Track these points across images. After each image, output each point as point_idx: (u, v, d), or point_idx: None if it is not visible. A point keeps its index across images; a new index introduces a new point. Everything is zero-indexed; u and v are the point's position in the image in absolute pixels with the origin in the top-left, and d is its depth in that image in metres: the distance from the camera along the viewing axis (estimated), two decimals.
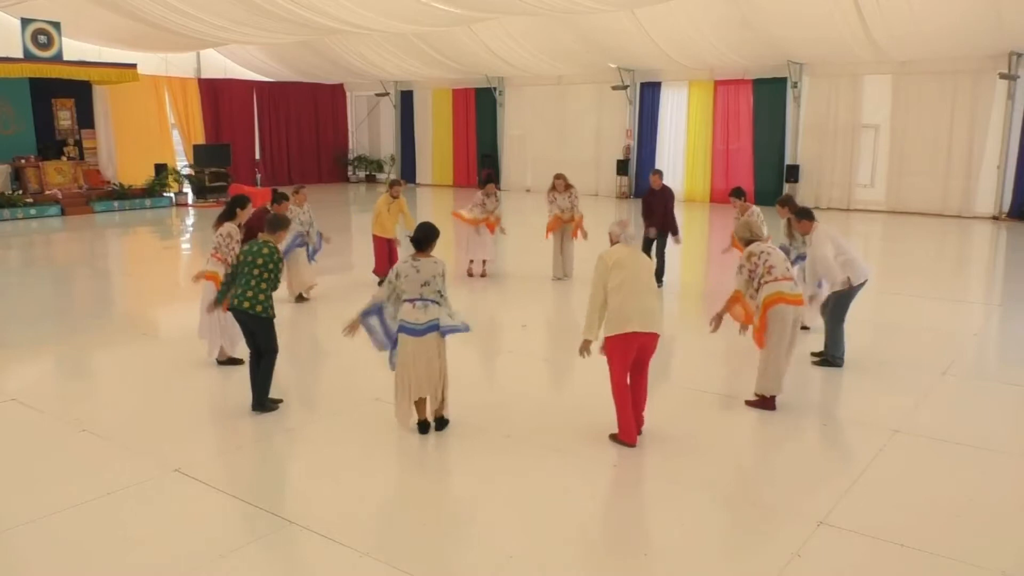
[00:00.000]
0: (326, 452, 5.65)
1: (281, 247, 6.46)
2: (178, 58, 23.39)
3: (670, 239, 10.74)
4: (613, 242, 5.76)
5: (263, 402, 6.25)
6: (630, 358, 5.55)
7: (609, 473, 5.35)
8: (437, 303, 5.67)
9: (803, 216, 7.47)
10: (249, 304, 6.05)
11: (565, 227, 11.25)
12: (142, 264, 14.50)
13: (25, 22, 18.12)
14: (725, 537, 4.62)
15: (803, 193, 19.25)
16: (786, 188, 20.12)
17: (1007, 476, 5.33)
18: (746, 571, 4.22)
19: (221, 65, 25.21)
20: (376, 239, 10.89)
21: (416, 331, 5.63)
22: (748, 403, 6.39)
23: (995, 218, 17.70)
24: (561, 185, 11.22)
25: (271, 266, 6.08)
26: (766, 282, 6.13)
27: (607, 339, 5.55)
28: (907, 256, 14.15)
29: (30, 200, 18.58)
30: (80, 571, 4.18)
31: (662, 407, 6.33)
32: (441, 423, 5.93)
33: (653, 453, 5.58)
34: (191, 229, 18.18)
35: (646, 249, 10.96)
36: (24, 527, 4.56)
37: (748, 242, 6.41)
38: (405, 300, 5.66)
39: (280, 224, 6.31)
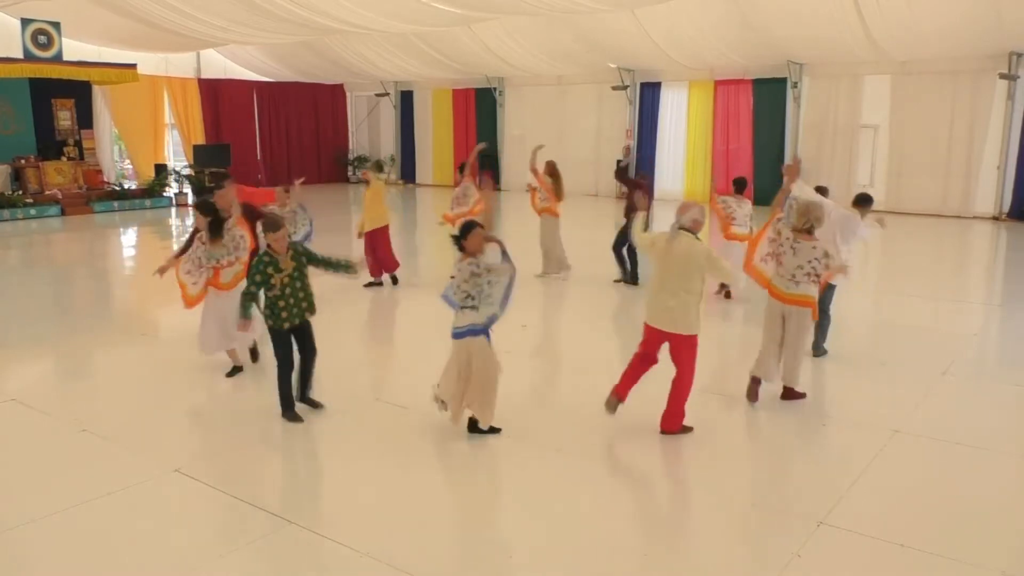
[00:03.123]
0: (326, 452, 5.65)
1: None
2: (178, 58, 23.37)
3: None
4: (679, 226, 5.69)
5: (285, 408, 6.10)
6: (649, 342, 5.77)
7: (609, 472, 5.34)
8: (473, 308, 5.53)
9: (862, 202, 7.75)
10: (309, 312, 6.03)
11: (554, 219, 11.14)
12: (142, 264, 14.49)
13: (25, 22, 18.11)
14: (725, 537, 4.62)
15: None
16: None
17: (1007, 476, 5.33)
18: (746, 571, 4.22)
19: (221, 65, 25.20)
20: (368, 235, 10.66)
21: (454, 334, 5.64)
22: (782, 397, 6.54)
23: (995, 218, 17.70)
24: (549, 170, 11.14)
25: (304, 267, 5.96)
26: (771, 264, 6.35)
27: None
28: (907, 256, 14.15)
29: (30, 200, 18.56)
30: (80, 571, 4.18)
31: (660, 407, 6.33)
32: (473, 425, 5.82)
33: (653, 454, 5.58)
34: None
35: (620, 238, 10.95)
36: (24, 527, 4.56)
37: (805, 230, 6.23)
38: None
39: (275, 225, 5.98)
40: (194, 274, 7.04)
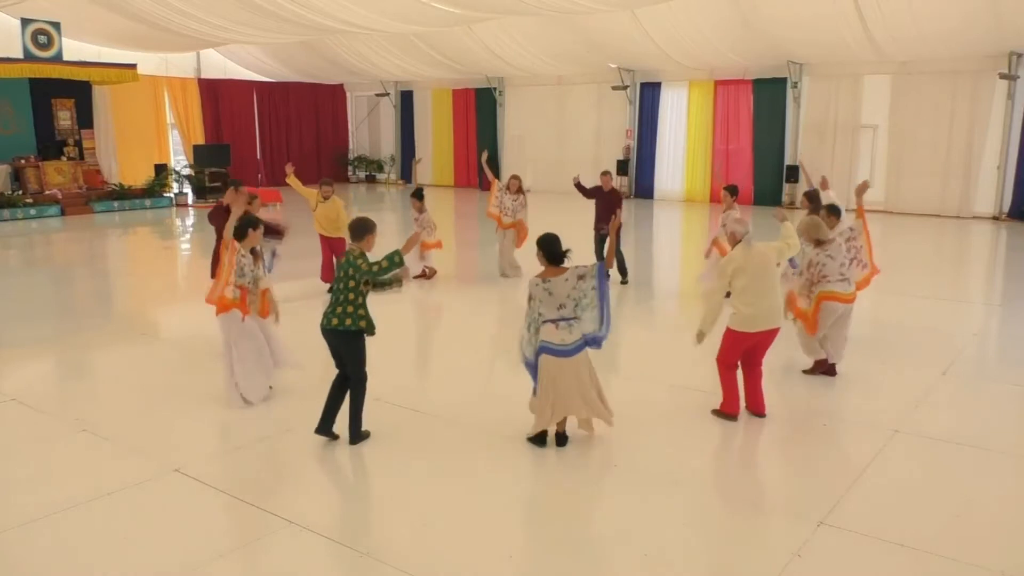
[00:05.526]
0: (325, 452, 5.65)
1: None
2: (178, 58, 23.39)
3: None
4: (736, 241, 5.98)
5: (357, 434, 5.70)
6: (746, 348, 6.00)
7: (610, 473, 5.34)
8: (573, 319, 5.34)
9: (832, 212, 7.73)
10: (338, 321, 5.47)
11: (508, 230, 11.34)
12: (142, 264, 14.50)
13: (25, 22, 18.12)
14: (725, 537, 4.62)
15: (802, 193, 19.23)
16: (785, 188, 20.17)
17: (1007, 476, 5.33)
18: (746, 571, 4.22)
19: (221, 65, 25.21)
20: (321, 239, 10.19)
21: (563, 352, 5.34)
22: (805, 372, 7.08)
23: (995, 218, 17.70)
24: (515, 186, 11.42)
25: (354, 275, 5.44)
26: (819, 281, 6.76)
27: (730, 329, 5.98)
28: (907, 256, 14.14)
29: (30, 200, 18.57)
30: (79, 571, 4.18)
31: (660, 407, 6.34)
32: (562, 439, 5.62)
33: (653, 454, 5.58)
34: (191, 229, 18.18)
35: (600, 247, 11.02)
36: (24, 527, 4.56)
37: (819, 242, 6.78)
38: (546, 321, 5.34)
39: (365, 229, 5.57)
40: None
